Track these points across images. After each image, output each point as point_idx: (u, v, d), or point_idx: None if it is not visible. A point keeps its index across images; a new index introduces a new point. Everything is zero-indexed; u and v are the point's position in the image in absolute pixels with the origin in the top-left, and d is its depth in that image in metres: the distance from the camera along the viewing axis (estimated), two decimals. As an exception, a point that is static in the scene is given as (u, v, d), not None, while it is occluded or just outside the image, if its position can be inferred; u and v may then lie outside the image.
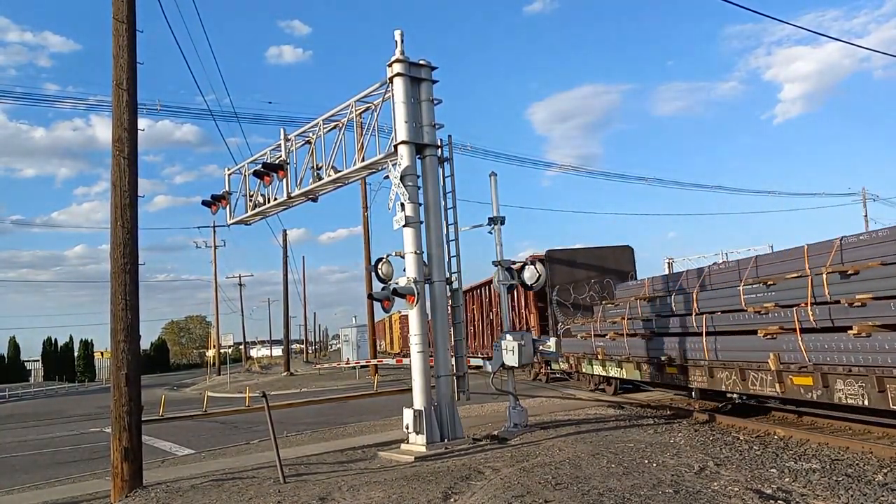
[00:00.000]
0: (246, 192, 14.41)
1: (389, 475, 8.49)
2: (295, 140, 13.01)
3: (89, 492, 9.73)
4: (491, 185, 12.15)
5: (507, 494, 6.68)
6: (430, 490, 7.26)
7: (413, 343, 10.48)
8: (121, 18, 9.78)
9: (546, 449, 9.35)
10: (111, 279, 9.44)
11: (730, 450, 8.58)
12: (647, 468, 7.57)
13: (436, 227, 10.89)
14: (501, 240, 12.19)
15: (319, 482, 8.51)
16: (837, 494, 6.25)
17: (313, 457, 10.80)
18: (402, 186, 10.41)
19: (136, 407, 9.27)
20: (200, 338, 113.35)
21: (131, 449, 9.11)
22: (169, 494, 8.71)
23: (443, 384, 10.53)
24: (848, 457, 7.97)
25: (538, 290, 14.12)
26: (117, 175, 9.64)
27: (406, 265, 10.52)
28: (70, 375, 75.43)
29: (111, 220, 9.59)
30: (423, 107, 10.87)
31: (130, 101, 9.78)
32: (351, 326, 44.67)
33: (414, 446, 10.06)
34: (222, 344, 52.38)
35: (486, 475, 7.82)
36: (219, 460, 11.58)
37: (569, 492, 6.65)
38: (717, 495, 6.27)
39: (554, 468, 7.86)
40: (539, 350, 11.73)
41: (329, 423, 16.02)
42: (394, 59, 10.70)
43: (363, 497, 7.33)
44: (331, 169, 12.14)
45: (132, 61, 9.82)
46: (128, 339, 9.31)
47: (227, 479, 9.40)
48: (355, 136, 12.03)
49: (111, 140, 9.74)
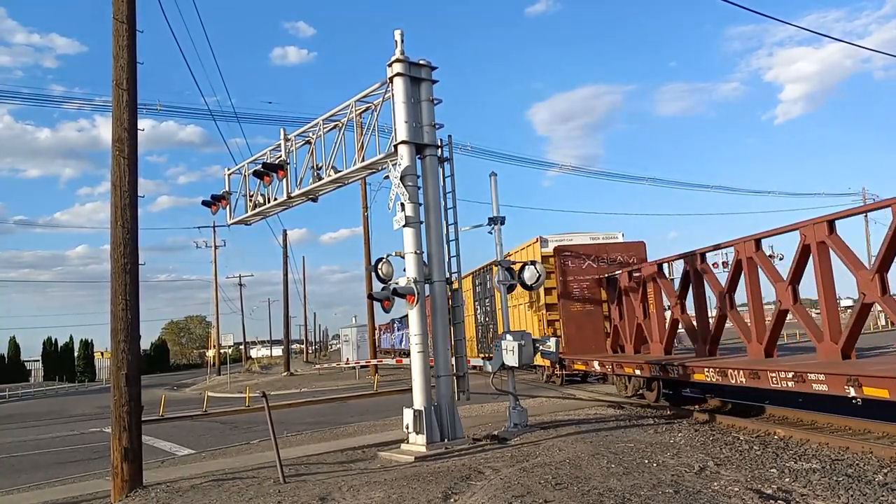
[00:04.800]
0: (246, 192, 14.41)
1: (389, 475, 8.49)
2: (295, 140, 13.01)
3: (89, 492, 9.73)
4: (491, 185, 12.16)
5: (507, 494, 6.68)
6: (430, 490, 7.26)
7: (413, 343, 10.48)
8: (121, 18, 9.78)
9: (546, 449, 9.35)
10: (111, 279, 9.45)
11: (730, 450, 8.58)
12: (647, 468, 7.56)
13: (436, 227, 10.88)
14: (501, 240, 12.22)
15: (319, 482, 8.50)
16: (837, 494, 6.25)
17: (313, 457, 10.80)
18: (402, 186, 10.41)
19: (136, 407, 9.27)
20: (200, 338, 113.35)
21: (131, 449, 9.11)
22: (169, 494, 8.71)
23: (443, 384, 10.52)
24: (848, 457, 7.97)
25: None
26: (117, 175, 9.64)
27: (406, 265, 10.51)
28: (70, 375, 75.41)
29: (111, 220, 9.60)
30: (423, 107, 10.87)
31: (130, 101, 9.78)
32: (351, 326, 44.64)
33: (414, 446, 10.06)
34: (222, 344, 52.43)
35: (486, 475, 7.82)
36: (219, 460, 11.58)
37: (569, 492, 6.65)
38: (717, 495, 6.27)
39: (554, 468, 7.85)
40: (539, 350, 11.73)
41: (329, 423, 16.03)
42: (394, 59, 10.70)
43: (363, 497, 7.32)
44: (331, 169, 12.13)
45: (132, 61, 9.83)
46: (128, 339, 9.31)
47: (227, 479, 9.40)
48: (355, 136, 12.02)
49: (111, 140, 9.75)
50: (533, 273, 12.10)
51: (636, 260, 16.60)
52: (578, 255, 17.02)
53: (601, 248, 17.51)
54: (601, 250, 17.26)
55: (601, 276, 16.68)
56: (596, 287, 16.77)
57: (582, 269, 16.88)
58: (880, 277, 8.42)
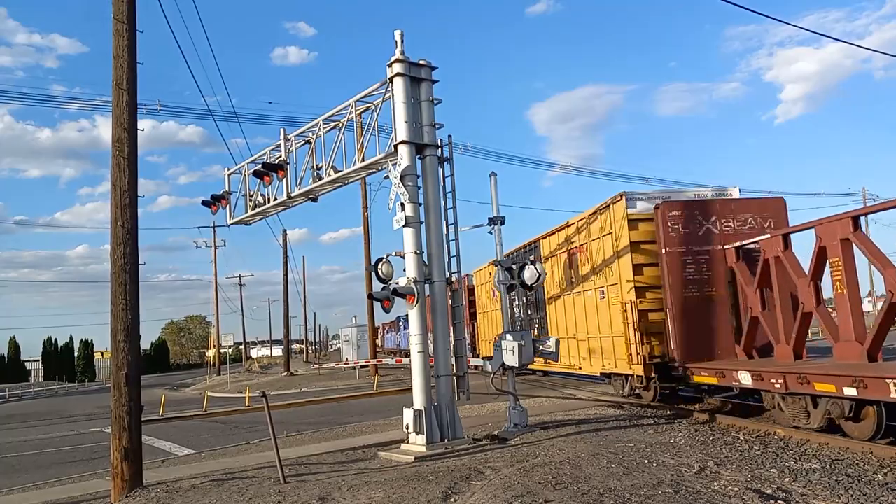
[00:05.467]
0: (246, 192, 14.41)
1: (389, 475, 8.49)
2: (295, 140, 13.01)
3: (89, 492, 9.73)
4: (491, 185, 12.15)
5: (507, 494, 6.68)
6: (430, 490, 7.26)
7: (413, 343, 10.48)
8: (121, 19, 9.78)
9: (546, 449, 9.35)
10: (111, 279, 9.44)
11: (730, 450, 8.58)
12: (647, 468, 7.56)
13: (436, 227, 10.88)
14: (501, 240, 12.20)
15: (319, 482, 8.50)
16: (837, 494, 6.25)
17: (313, 457, 10.80)
18: (402, 186, 10.41)
19: (136, 407, 9.27)
20: (200, 338, 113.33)
21: (131, 449, 9.11)
22: (169, 494, 8.71)
23: (443, 384, 10.52)
24: (848, 457, 7.97)
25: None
26: (117, 175, 9.64)
27: (406, 265, 10.52)
28: (70, 375, 75.32)
29: (111, 220, 9.60)
30: (423, 107, 10.87)
31: (130, 101, 9.78)
32: (351, 326, 44.66)
33: (414, 446, 10.06)
34: (222, 344, 52.39)
35: (486, 475, 7.82)
36: (219, 460, 11.58)
37: (569, 492, 6.65)
38: (717, 495, 6.27)
39: (554, 468, 7.85)
40: (539, 350, 11.71)
41: (329, 423, 16.02)
42: (394, 59, 10.70)
43: (363, 497, 7.32)
44: (331, 169, 12.13)
45: (132, 61, 9.83)
46: (128, 339, 9.31)
47: (227, 479, 9.40)
48: (355, 136, 12.03)
49: (111, 140, 9.75)
50: (533, 273, 12.09)
51: (773, 224, 12.51)
52: (693, 216, 12.56)
53: (726, 206, 12.88)
54: (726, 210, 12.76)
55: (725, 247, 12.38)
56: (720, 262, 12.49)
57: (698, 235, 12.52)
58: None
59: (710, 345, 12.27)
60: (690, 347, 12.22)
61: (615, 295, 13.89)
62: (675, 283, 12.28)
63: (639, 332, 12.87)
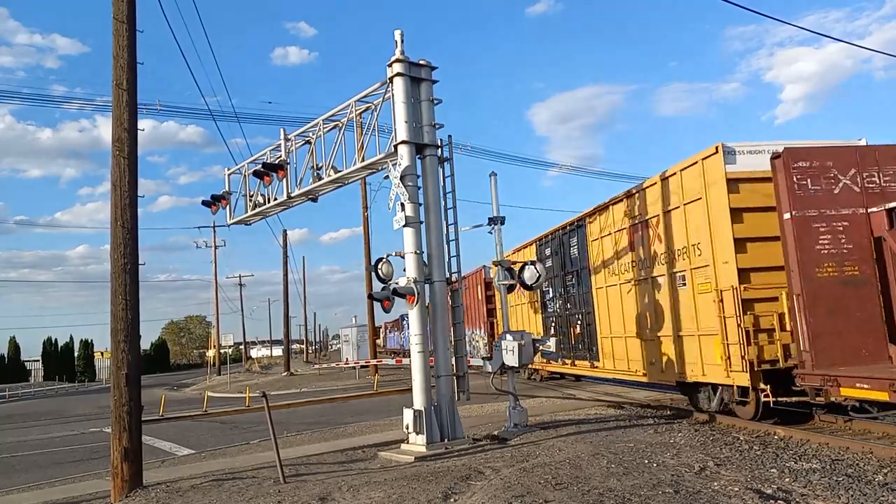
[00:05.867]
0: (246, 192, 14.41)
1: (389, 475, 8.49)
2: (295, 140, 13.01)
3: (89, 492, 9.73)
4: (491, 185, 12.16)
5: (507, 494, 6.68)
6: (430, 490, 7.26)
7: (413, 343, 10.48)
8: (121, 18, 9.78)
9: (546, 449, 9.35)
10: (111, 279, 9.44)
11: (730, 450, 8.58)
12: (647, 468, 7.56)
13: (436, 227, 10.88)
14: (501, 240, 12.21)
15: (319, 482, 8.50)
16: (837, 494, 6.25)
17: (313, 457, 10.80)
18: (402, 186, 10.41)
19: (136, 407, 9.27)
20: (200, 338, 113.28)
21: (131, 449, 9.11)
22: (169, 494, 8.71)
23: (443, 384, 10.52)
24: (848, 457, 7.97)
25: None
26: (117, 175, 9.64)
27: (406, 265, 10.52)
28: (70, 375, 75.31)
29: (111, 220, 9.60)
30: (423, 107, 10.87)
31: (130, 101, 9.78)
32: (351, 326, 44.65)
33: (414, 446, 10.06)
34: (222, 344, 52.38)
35: (486, 475, 7.82)
36: (219, 460, 11.58)
37: (569, 492, 6.65)
38: (717, 495, 6.27)
39: (554, 468, 7.85)
40: (539, 350, 11.71)
41: (329, 423, 16.02)
42: (394, 59, 10.70)
43: (363, 497, 7.32)
44: (331, 169, 12.13)
45: (132, 61, 9.83)
46: (128, 339, 9.31)
47: (227, 479, 9.40)
48: (355, 136, 12.03)
49: (111, 140, 9.75)
50: (533, 273, 12.09)
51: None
52: (825, 169, 9.28)
53: (869, 155, 9.54)
54: (869, 160, 9.45)
55: (870, 210, 9.16)
56: (863, 231, 9.21)
57: (834, 195, 9.25)
58: None
59: (853, 344, 8.94)
60: (827, 348, 8.91)
61: (704, 281, 10.95)
62: (804, 261, 8.99)
63: (743, 328, 9.98)
